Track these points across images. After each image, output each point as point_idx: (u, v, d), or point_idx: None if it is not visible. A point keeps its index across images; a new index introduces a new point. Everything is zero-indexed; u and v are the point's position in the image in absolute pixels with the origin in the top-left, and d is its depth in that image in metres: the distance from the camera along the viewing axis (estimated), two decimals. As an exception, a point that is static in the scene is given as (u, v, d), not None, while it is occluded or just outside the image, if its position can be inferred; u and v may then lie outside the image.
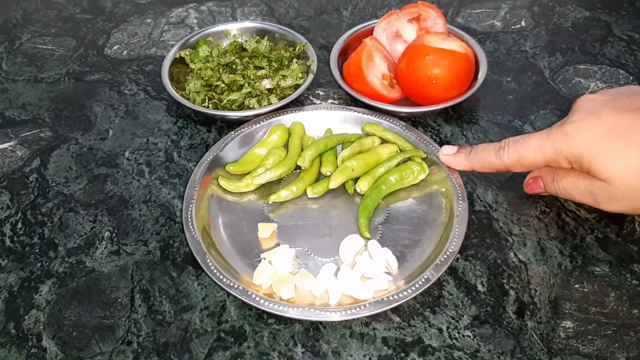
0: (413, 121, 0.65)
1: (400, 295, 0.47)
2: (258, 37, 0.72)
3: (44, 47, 0.79)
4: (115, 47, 0.78)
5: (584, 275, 0.51)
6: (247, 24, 0.74)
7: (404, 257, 0.52)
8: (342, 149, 0.60)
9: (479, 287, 0.50)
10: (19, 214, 0.57)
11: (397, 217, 0.55)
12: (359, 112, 0.63)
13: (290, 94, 0.65)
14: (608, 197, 0.49)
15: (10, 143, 0.65)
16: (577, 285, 0.50)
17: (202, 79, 0.67)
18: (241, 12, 0.84)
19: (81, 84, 0.73)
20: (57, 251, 0.54)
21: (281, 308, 0.47)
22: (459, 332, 0.47)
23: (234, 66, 0.68)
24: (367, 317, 0.48)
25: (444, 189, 0.56)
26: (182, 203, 0.56)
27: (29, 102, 0.70)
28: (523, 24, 0.79)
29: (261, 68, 0.68)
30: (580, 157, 0.48)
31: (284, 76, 0.66)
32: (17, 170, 0.62)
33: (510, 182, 0.58)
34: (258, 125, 0.62)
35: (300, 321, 0.48)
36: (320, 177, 0.59)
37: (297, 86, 0.66)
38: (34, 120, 0.68)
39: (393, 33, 0.69)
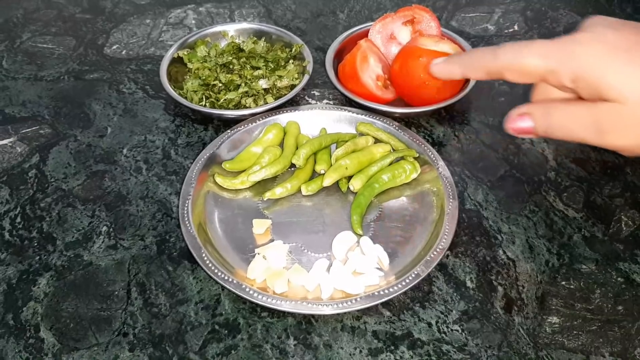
0: (406, 121, 0.66)
1: (391, 290, 0.48)
2: (255, 38, 0.74)
3: (44, 46, 0.80)
4: (114, 47, 0.79)
5: (571, 272, 0.52)
6: (245, 25, 0.75)
7: (395, 253, 0.53)
8: (336, 148, 0.61)
9: (468, 283, 0.51)
10: (18, 209, 0.58)
11: (389, 215, 0.57)
12: (353, 112, 0.64)
13: (286, 94, 0.66)
14: (617, 123, 0.40)
15: (10, 139, 0.66)
16: (563, 282, 0.51)
17: (200, 78, 0.68)
18: (239, 13, 0.85)
19: (80, 83, 0.74)
20: (55, 245, 0.55)
21: (274, 301, 0.48)
22: (447, 327, 0.48)
23: (231, 66, 0.69)
24: (358, 311, 0.49)
25: (435, 188, 0.57)
26: (178, 199, 0.57)
27: (29, 99, 0.72)
28: (516, 28, 0.81)
29: (258, 68, 0.69)
30: (589, 69, 0.40)
31: (280, 76, 0.68)
32: (16, 166, 0.63)
33: (500, 181, 0.60)
34: (254, 124, 0.63)
35: (293, 314, 0.49)
36: (314, 175, 0.60)
37: (292, 86, 0.67)
38: (34, 118, 0.69)
39: (388, 35, 0.71)
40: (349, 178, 0.59)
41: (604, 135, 0.41)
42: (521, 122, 0.45)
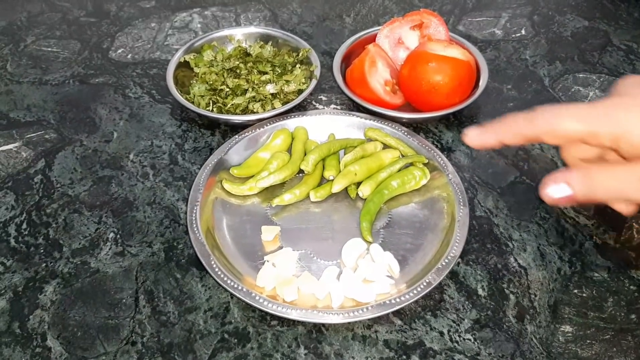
0: (415, 127, 0.65)
1: (402, 298, 0.48)
2: (262, 43, 0.73)
3: (49, 49, 0.80)
4: (119, 51, 0.79)
5: (583, 280, 0.51)
6: (252, 29, 0.75)
7: (406, 261, 0.53)
8: (345, 154, 0.61)
9: (480, 292, 0.51)
10: (24, 215, 0.58)
11: (399, 222, 0.56)
12: (361, 118, 0.64)
13: (293, 99, 0.65)
14: None
15: (15, 144, 0.66)
16: (576, 290, 0.51)
17: (207, 83, 0.67)
18: (245, 17, 0.85)
19: (86, 87, 0.73)
20: (61, 252, 0.55)
21: (284, 310, 0.47)
22: (459, 336, 0.48)
23: (238, 71, 0.69)
24: (369, 319, 0.49)
25: (445, 194, 0.57)
26: (186, 205, 0.57)
27: (33, 103, 0.71)
28: (523, 32, 0.80)
29: (265, 73, 0.68)
30: (633, 132, 0.40)
31: (287, 81, 0.67)
32: (22, 171, 0.62)
33: (510, 188, 0.59)
34: (262, 129, 0.63)
35: (303, 323, 0.49)
36: (323, 181, 0.60)
37: (300, 91, 0.67)
38: (39, 122, 0.68)
39: (395, 40, 0.70)
40: (358, 184, 0.58)
41: None
42: (559, 190, 0.43)
